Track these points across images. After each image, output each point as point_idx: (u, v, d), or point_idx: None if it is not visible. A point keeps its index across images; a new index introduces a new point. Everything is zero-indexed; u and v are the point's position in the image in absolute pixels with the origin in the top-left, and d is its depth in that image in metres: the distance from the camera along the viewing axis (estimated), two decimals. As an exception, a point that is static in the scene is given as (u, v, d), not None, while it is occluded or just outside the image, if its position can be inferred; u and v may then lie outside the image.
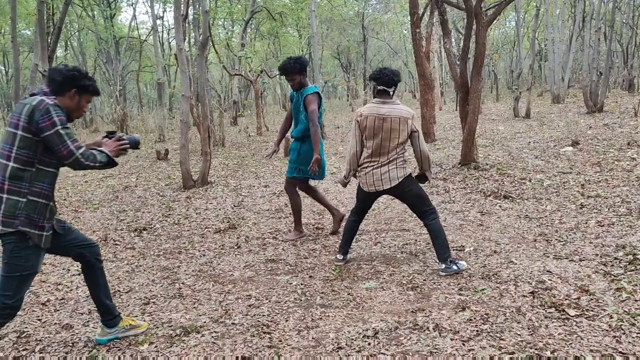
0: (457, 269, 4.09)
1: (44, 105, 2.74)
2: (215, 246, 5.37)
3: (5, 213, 2.74)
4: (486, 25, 7.97)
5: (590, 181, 6.74)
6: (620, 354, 2.73)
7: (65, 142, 2.75)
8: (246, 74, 17.69)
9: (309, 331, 3.27)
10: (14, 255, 2.78)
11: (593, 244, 4.52)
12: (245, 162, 11.17)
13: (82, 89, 2.95)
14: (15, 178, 2.74)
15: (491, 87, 31.23)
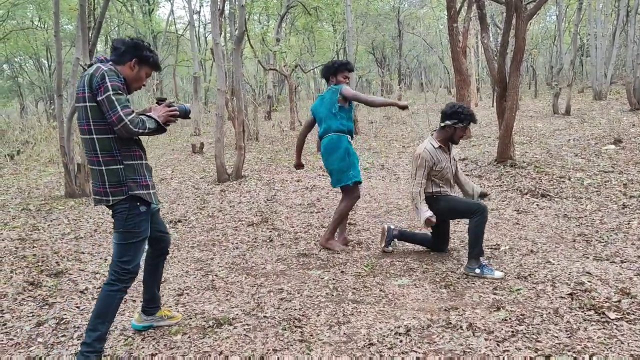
0: (480, 272, 3.99)
1: (99, 72, 2.74)
2: (248, 239, 5.41)
3: (110, 183, 2.81)
4: (526, 19, 7.78)
5: (633, 180, 6.52)
6: (664, 360, 2.63)
7: (115, 108, 2.71)
8: (281, 68, 17.76)
9: (341, 326, 3.26)
10: (129, 222, 2.86)
11: (635, 246, 4.37)
12: (278, 156, 11.22)
13: (143, 60, 2.94)
14: (104, 149, 2.79)
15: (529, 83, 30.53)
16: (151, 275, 3.30)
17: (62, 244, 5.38)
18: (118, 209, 2.85)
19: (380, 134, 14.03)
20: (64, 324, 3.47)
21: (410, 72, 43.14)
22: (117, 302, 2.91)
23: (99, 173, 2.83)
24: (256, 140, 14.20)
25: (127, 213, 2.85)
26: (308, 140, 6.73)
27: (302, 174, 8.89)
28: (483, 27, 9.27)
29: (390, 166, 9.13)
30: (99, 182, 2.85)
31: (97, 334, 2.82)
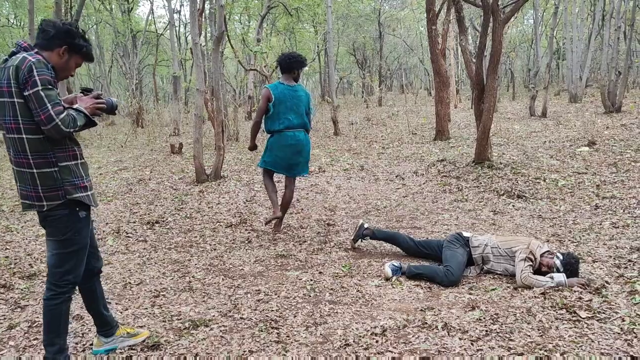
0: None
1: (26, 63, 2.43)
2: (226, 240, 5.39)
3: (44, 187, 2.56)
4: (503, 22, 7.88)
5: (605, 182, 6.66)
6: (632, 358, 2.69)
7: (44, 106, 2.44)
8: (261, 69, 17.70)
9: (317, 327, 3.27)
10: (69, 230, 2.64)
11: (607, 246, 4.46)
12: (258, 157, 11.18)
13: (74, 48, 2.65)
14: (36, 150, 2.52)
15: (507, 85, 30.93)
16: (91, 300, 2.99)
17: (35, 246, 5.30)
18: (55, 215, 2.62)
19: (360, 135, 14.07)
20: (36, 327, 3.42)
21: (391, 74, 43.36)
22: (66, 311, 2.73)
23: (30, 176, 2.56)
24: (236, 141, 14.14)
25: (66, 219, 2.63)
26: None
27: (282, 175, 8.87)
28: (461, 29, 9.37)
29: (370, 167, 9.17)
30: (29, 185, 2.58)
31: (56, 347, 2.70)
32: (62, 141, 2.60)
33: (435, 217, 5.88)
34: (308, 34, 29.91)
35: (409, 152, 10.45)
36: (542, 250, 3.94)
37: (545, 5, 26.89)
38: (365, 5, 28.91)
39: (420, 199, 6.77)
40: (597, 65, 25.57)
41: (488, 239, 4.22)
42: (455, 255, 4.08)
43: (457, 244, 4.22)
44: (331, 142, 13.13)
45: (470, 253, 4.18)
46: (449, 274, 3.92)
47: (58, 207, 2.61)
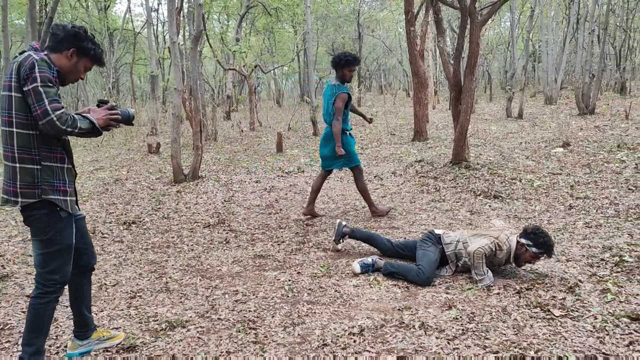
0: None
1: (29, 60, 2.49)
2: (204, 241, 5.35)
3: (22, 184, 2.55)
4: (480, 24, 7.97)
5: (579, 182, 6.78)
6: (603, 355, 2.74)
7: (42, 101, 2.46)
8: (240, 68, 17.63)
9: (295, 327, 3.27)
10: (49, 229, 2.62)
11: (580, 245, 4.54)
12: (237, 157, 11.14)
13: (82, 51, 2.69)
14: (23, 144, 2.54)
15: (485, 87, 31.29)
16: (77, 296, 2.98)
17: (8, 247, 5.20)
18: (35, 215, 2.61)
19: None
20: (8, 329, 3.36)
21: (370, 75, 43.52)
22: (50, 313, 2.72)
23: (12, 170, 2.57)
24: (214, 141, 14.06)
25: (46, 219, 2.62)
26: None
27: (261, 175, 8.86)
28: (439, 31, 9.46)
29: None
30: (10, 180, 2.58)
31: (34, 348, 2.67)
32: (51, 141, 2.61)
33: (413, 217, 5.92)
34: (287, 34, 29.89)
35: (387, 153, 10.50)
36: (513, 242, 3.96)
37: (522, 8, 27.30)
38: (345, 6, 29.00)
39: (399, 199, 6.81)
40: (571, 68, 26.07)
41: (460, 234, 4.24)
42: (427, 254, 4.10)
43: (429, 243, 4.23)
44: (310, 142, 13.13)
45: (444, 250, 4.20)
46: (420, 273, 3.95)
47: (35, 205, 2.60)
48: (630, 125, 11.46)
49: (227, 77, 21.42)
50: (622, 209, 5.47)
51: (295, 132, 15.65)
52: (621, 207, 5.56)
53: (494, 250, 3.92)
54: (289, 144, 12.76)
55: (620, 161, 7.72)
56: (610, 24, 20.70)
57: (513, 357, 2.78)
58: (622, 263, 3.99)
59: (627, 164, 7.52)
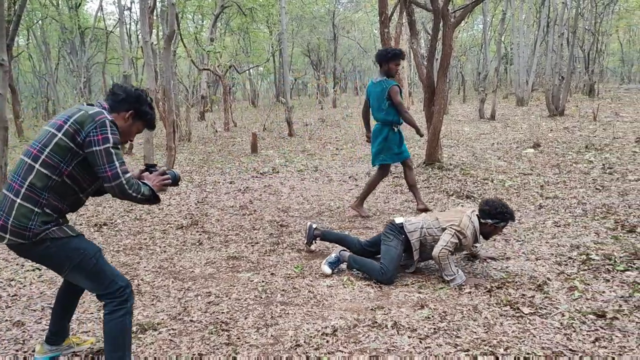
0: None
1: (101, 118, 2.43)
2: (176, 242, 5.30)
3: (15, 222, 2.37)
4: (453, 26, 8.07)
5: (549, 182, 6.91)
6: (570, 351, 2.80)
7: (113, 163, 2.41)
8: (215, 68, 17.52)
9: (268, 329, 3.26)
10: (65, 260, 2.47)
11: (549, 244, 4.63)
12: (211, 157, 11.07)
13: (140, 115, 2.67)
14: (35, 184, 2.38)
15: (459, 88, 31.69)
16: (64, 308, 2.92)
17: None
18: (40, 253, 2.44)
19: (315, 136, 14.13)
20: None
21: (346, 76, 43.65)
22: (130, 327, 2.59)
23: (9, 203, 2.39)
24: (188, 141, 13.94)
25: (55, 252, 2.45)
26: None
27: (236, 176, 8.82)
28: (413, 33, 9.54)
29: (324, 168, 9.21)
30: (2, 211, 2.40)
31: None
32: (66, 194, 2.48)
33: (387, 218, 5.95)
34: (262, 35, 29.80)
35: (362, 154, 10.56)
36: (476, 222, 3.95)
37: (494, 11, 27.72)
38: (320, 6, 29.05)
39: (373, 200, 6.84)
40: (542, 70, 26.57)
41: (423, 220, 4.14)
42: (389, 251, 4.04)
43: (391, 236, 4.13)
44: (285, 143, 13.12)
45: (408, 239, 4.10)
46: (382, 272, 3.95)
47: (39, 242, 2.42)
48: (598, 126, 11.74)
49: (201, 77, 21.27)
50: (589, 209, 5.60)
51: (270, 132, 15.62)
52: (588, 206, 5.69)
53: (458, 242, 3.91)
54: (264, 145, 12.73)
55: (588, 162, 7.90)
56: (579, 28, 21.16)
57: (483, 355, 2.82)
58: (589, 261, 4.08)
59: (595, 164, 7.70)
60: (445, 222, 4.01)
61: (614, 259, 4.06)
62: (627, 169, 7.21)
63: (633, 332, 2.94)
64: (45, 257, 2.47)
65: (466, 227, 3.91)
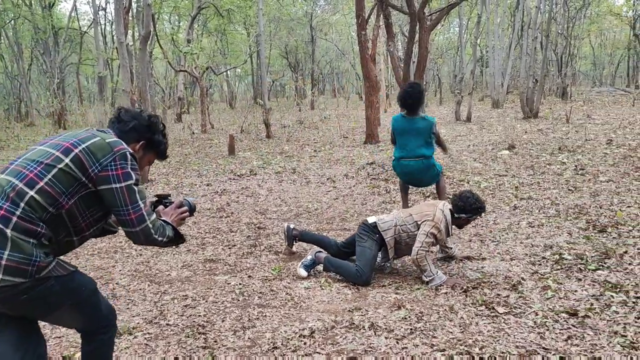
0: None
1: (121, 149, 2.04)
2: (153, 245, 5.24)
3: (12, 254, 1.84)
4: (429, 29, 8.16)
5: (523, 184, 7.02)
6: (544, 350, 2.85)
7: (136, 203, 2.02)
8: (192, 70, 17.40)
9: (245, 331, 3.25)
10: (64, 297, 2.01)
11: (523, 244, 4.70)
12: (188, 159, 10.99)
13: (152, 145, 2.28)
14: (33, 213, 1.90)
15: (435, 90, 31.98)
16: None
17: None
18: (43, 290, 1.92)
19: (293, 138, 14.12)
20: None
21: (323, 78, 43.74)
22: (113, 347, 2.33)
23: (1, 235, 1.84)
24: (165, 143, 13.81)
25: (59, 287, 1.97)
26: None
27: (213, 178, 8.76)
28: (389, 35, 9.62)
29: (302, 170, 9.21)
30: None
31: None
32: (57, 230, 2.00)
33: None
34: (240, 36, 29.71)
35: (340, 155, 10.59)
36: (448, 215, 4.03)
37: (470, 15, 28.08)
38: (297, 8, 29.07)
39: (350, 201, 6.87)
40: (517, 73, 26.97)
41: (396, 217, 4.16)
42: (364, 252, 4.05)
43: (365, 236, 4.14)
44: (263, 145, 13.09)
45: (383, 239, 4.12)
46: (358, 275, 3.96)
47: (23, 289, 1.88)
48: (570, 128, 11.97)
49: (178, 78, 21.10)
50: (562, 209, 5.70)
51: (248, 134, 15.56)
52: (561, 207, 5.79)
53: (434, 239, 3.98)
54: (241, 147, 12.68)
55: (561, 163, 8.05)
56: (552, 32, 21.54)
57: (459, 354, 2.86)
58: (562, 261, 4.16)
59: (568, 165, 7.85)
60: (420, 217, 4.06)
61: (586, 259, 4.14)
62: (599, 170, 7.37)
63: (604, 330, 3.00)
64: (40, 299, 1.94)
65: (440, 221, 3.98)
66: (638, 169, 7.26)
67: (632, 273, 3.82)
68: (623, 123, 12.30)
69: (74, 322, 2.18)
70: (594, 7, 30.12)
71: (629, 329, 2.99)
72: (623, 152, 8.52)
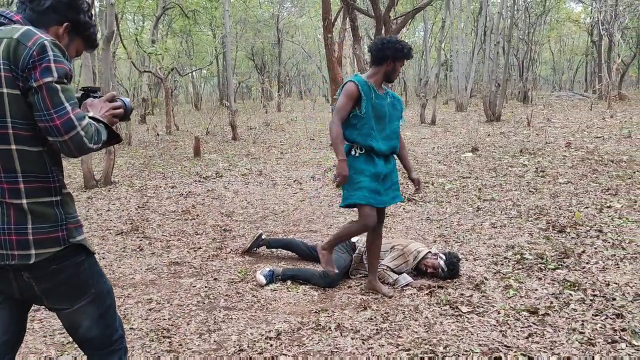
0: None
1: (36, 41, 1.60)
2: (116, 249, 5.15)
3: (36, 227, 1.65)
4: (394, 32, 8.25)
5: (486, 185, 7.17)
6: (505, 347, 2.92)
7: (61, 106, 1.60)
8: (156, 71, 17.16)
9: (211, 334, 3.22)
10: (90, 281, 1.82)
11: (486, 245, 4.80)
12: (152, 161, 10.82)
13: (78, 28, 1.82)
14: (30, 168, 1.65)
15: (401, 93, 32.35)
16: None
17: None
18: (64, 269, 1.74)
19: (259, 140, 14.07)
20: None
21: (290, 80, 43.70)
22: None
23: (14, 211, 1.64)
24: (129, 145, 13.56)
25: (85, 269, 1.80)
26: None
27: (178, 180, 8.65)
28: (356, 38, 9.69)
29: (268, 172, 9.19)
30: (5, 224, 1.64)
31: None
32: (58, 159, 1.76)
33: (331, 221, 6.01)
34: (206, 37, 29.44)
35: (307, 158, 10.60)
36: (422, 253, 4.14)
37: (434, 19, 28.52)
38: (264, 10, 28.99)
39: (317, 203, 6.89)
40: (480, 77, 27.53)
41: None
42: (338, 260, 4.09)
43: (344, 250, 4.28)
44: (229, 147, 13.00)
45: (361, 258, 4.25)
46: (325, 275, 3.98)
47: (58, 255, 1.70)
48: (531, 131, 12.28)
49: (142, 79, 20.76)
50: (523, 210, 5.84)
51: (214, 136, 15.43)
52: (523, 208, 5.94)
53: (401, 264, 4.10)
54: (207, 149, 12.56)
55: (523, 165, 8.25)
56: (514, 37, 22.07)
57: (424, 354, 2.90)
58: (523, 260, 4.26)
59: (529, 167, 8.05)
60: (388, 247, 4.22)
61: (546, 258, 4.25)
62: (558, 172, 7.58)
63: (563, 328, 3.09)
64: (69, 270, 1.75)
65: (410, 253, 4.13)
66: (595, 171, 7.50)
67: (590, 272, 3.95)
68: (581, 127, 12.69)
69: (88, 325, 1.85)
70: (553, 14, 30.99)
71: (586, 326, 3.09)
72: (581, 154, 8.79)
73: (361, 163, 3.62)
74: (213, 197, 7.39)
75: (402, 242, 4.31)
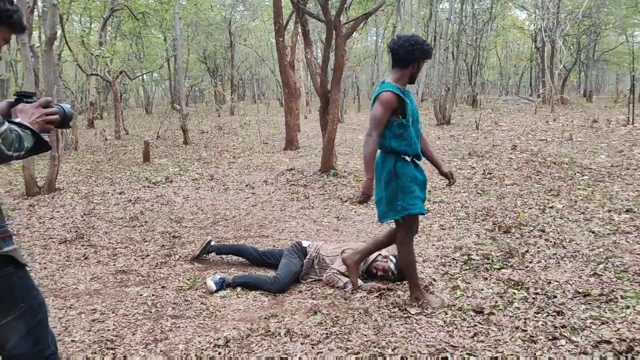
0: None
1: None
2: (59, 258, 4.96)
3: None
4: (345, 37, 8.31)
5: (436, 187, 7.30)
6: (452, 347, 2.97)
7: None
8: (104, 74, 16.71)
9: (157, 344, 3.14)
10: (20, 293, 1.76)
11: (435, 246, 4.88)
12: (100, 167, 10.51)
13: (1, 16, 1.71)
14: None
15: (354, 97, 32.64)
16: None
17: None
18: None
19: (211, 144, 13.90)
20: None
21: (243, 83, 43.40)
22: None
23: None
24: (75, 150, 13.15)
25: (15, 281, 1.73)
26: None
27: (126, 186, 8.43)
28: (307, 42, 9.70)
29: (220, 177, 9.08)
30: None
31: None
32: None
33: (283, 225, 5.98)
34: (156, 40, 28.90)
35: (259, 162, 10.54)
36: (373, 256, 4.17)
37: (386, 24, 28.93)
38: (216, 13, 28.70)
39: (269, 208, 6.84)
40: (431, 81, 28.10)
41: (322, 245, 4.35)
42: (289, 265, 4.12)
43: (295, 255, 4.27)
44: (180, 151, 12.78)
45: (312, 263, 4.25)
46: (275, 281, 3.98)
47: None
48: (479, 135, 12.61)
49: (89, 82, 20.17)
50: (471, 212, 5.98)
51: (164, 140, 15.14)
52: (470, 209, 6.08)
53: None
54: (157, 153, 12.31)
55: (471, 167, 8.45)
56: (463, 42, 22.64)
57: (372, 357, 2.91)
58: (470, 261, 4.36)
59: (477, 170, 8.25)
60: (345, 246, 4.25)
61: (492, 258, 4.36)
62: (504, 174, 7.80)
63: (507, 326, 3.17)
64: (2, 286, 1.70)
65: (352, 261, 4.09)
66: (539, 173, 7.76)
67: (533, 271, 4.07)
68: (526, 130, 13.12)
69: (19, 341, 1.76)
70: (499, 21, 31.98)
71: (529, 323, 3.17)
72: (526, 157, 9.08)
73: (412, 170, 3.53)
74: (162, 203, 7.24)
75: (352, 245, 4.33)
